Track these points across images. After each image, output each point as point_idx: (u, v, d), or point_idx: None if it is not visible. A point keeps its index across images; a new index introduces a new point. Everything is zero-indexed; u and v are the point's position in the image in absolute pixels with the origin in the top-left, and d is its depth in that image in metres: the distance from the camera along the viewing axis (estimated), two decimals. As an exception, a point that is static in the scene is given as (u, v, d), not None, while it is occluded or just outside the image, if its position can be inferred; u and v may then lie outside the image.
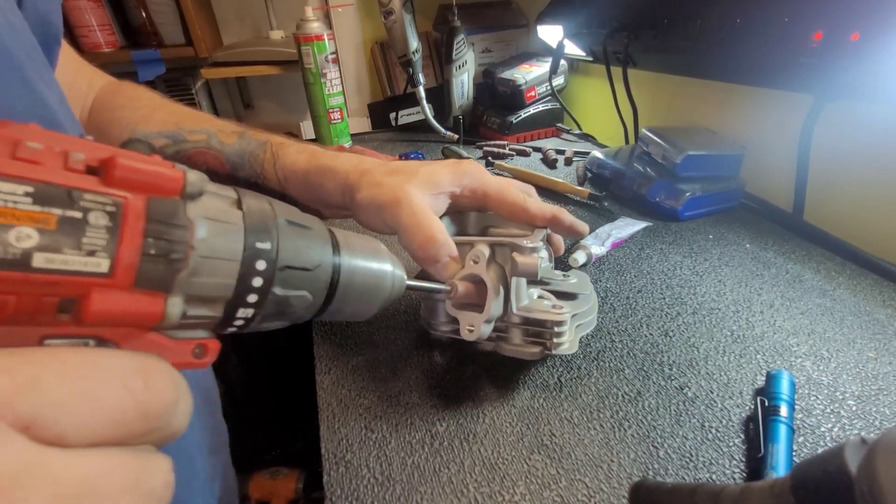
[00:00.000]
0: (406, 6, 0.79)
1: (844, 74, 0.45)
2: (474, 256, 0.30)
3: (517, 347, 0.33)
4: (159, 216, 0.14)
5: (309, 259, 0.18)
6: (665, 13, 0.63)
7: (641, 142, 0.67)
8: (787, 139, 0.59)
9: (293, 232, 0.18)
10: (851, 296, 0.44)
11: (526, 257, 0.30)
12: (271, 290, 0.17)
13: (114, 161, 0.13)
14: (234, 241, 0.16)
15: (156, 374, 0.14)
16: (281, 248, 0.17)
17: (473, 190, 0.34)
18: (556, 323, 0.31)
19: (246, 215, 0.16)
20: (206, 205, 0.15)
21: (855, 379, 0.35)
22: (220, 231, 0.15)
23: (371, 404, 0.33)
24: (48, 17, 0.28)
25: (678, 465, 0.29)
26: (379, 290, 0.22)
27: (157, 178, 0.14)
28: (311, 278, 0.18)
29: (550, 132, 0.98)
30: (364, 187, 0.33)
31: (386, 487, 0.28)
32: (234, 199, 0.17)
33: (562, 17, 0.86)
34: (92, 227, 0.12)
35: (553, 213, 0.34)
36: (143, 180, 0.14)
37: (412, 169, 0.34)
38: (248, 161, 0.39)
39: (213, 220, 0.15)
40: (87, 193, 0.12)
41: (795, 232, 0.57)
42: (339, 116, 0.88)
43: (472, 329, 0.30)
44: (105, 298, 0.13)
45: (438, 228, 0.31)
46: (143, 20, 1.02)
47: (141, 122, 0.38)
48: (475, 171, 0.35)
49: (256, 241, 0.16)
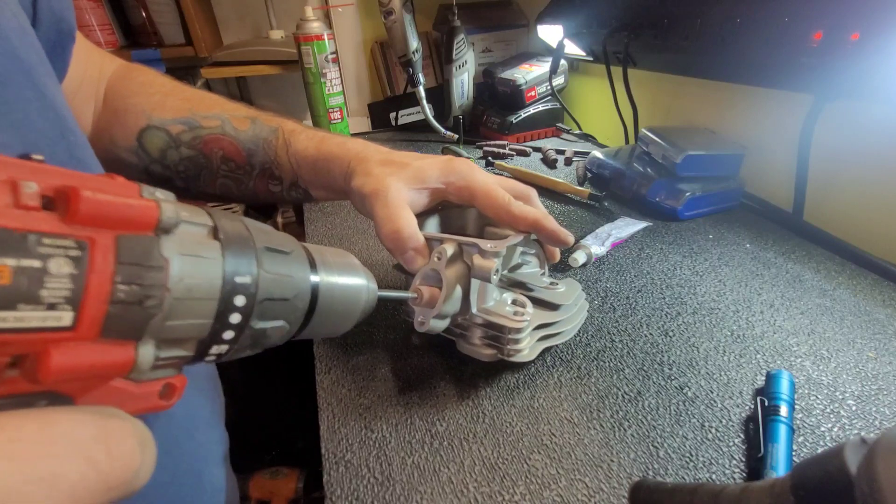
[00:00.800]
0: (406, 6, 0.79)
1: (844, 74, 0.45)
2: (437, 253, 0.31)
3: (474, 347, 0.34)
4: (131, 257, 0.12)
5: (289, 288, 0.17)
6: (665, 13, 0.63)
7: (641, 142, 0.67)
8: (787, 139, 0.59)
9: (273, 260, 0.16)
10: (851, 295, 0.44)
11: (482, 260, 0.31)
12: (248, 325, 0.15)
13: (76, 194, 0.11)
14: (213, 277, 0.14)
15: (119, 437, 0.12)
16: (261, 281, 0.15)
17: (459, 188, 0.35)
18: (512, 330, 0.32)
19: (224, 246, 0.15)
20: (181, 238, 0.14)
21: (855, 379, 0.35)
22: (197, 268, 0.14)
23: (371, 404, 0.33)
24: (62, 15, 0.28)
25: (678, 464, 0.29)
26: (355, 306, 0.21)
27: (127, 211, 0.12)
28: (289, 307, 0.17)
29: (550, 132, 0.98)
30: (357, 175, 0.35)
31: (386, 487, 0.28)
32: (210, 227, 0.15)
33: (562, 17, 0.86)
34: (53, 276, 0.10)
35: (535, 219, 0.34)
36: (111, 215, 0.12)
37: (404, 161, 0.35)
38: (262, 147, 0.40)
39: (189, 255, 0.13)
40: (46, 237, 0.10)
41: (795, 232, 0.57)
42: (339, 116, 0.88)
43: (423, 322, 0.30)
44: (66, 353, 0.11)
45: (406, 223, 0.32)
46: (142, 20, 1.02)
47: (156, 109, 0.38)
48: (464, 169, 0.35)
49: (236, 276, 0.15)
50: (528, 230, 0.34)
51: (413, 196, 0.34)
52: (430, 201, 0.36)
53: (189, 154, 0.39)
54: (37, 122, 0.22)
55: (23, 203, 0.10)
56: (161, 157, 0.38)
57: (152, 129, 0.38)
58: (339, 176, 0.37)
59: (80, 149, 0.25)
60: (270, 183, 0.41)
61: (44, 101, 0.22)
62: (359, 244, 0.56)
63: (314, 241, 0.57)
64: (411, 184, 0.34)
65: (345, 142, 0.38)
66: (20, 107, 0.21)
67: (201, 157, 0.39)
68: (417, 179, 0.34)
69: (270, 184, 0.41)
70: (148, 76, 0.41)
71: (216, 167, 0.40)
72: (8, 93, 0.21)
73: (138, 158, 0.38)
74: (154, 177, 0.39)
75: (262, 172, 0.40)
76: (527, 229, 0.34)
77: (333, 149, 0.38)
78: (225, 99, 0.42)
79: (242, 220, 0.17)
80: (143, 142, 0.38)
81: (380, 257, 0.53)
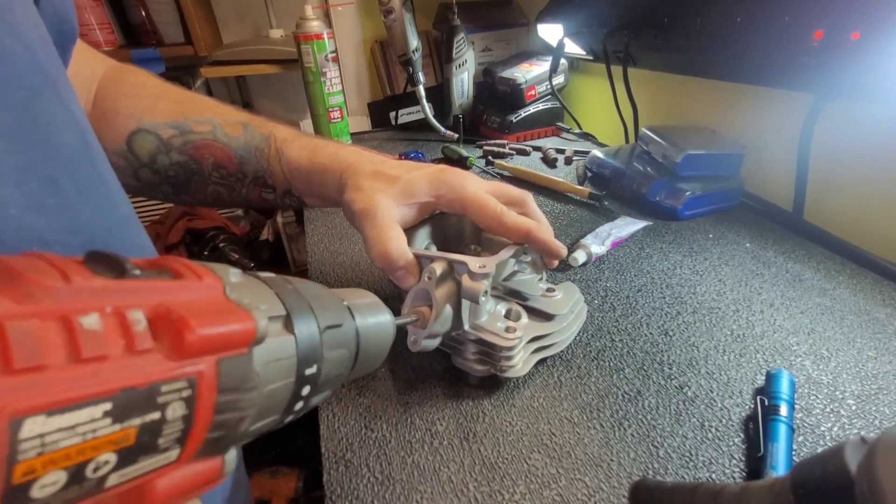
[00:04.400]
0: (406, 5, 0.79)
1: (845, 74, 0.45)
2: (428, 273, 0.31)
3: (467, 363, 0.34)
4: (231, 383, 0.12)
5: (344, 363, 0.17)
6: (665, 12, 0.63)
7: (641, 141, 0.67)
8: (787, 138, 0.59)
9: (332, 339, 0.16)
10: (851, 295, 0.44)
11: (470, 282, 0.30)
12: (307, 405, 0.16)
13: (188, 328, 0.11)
14: (288, 375, 0.14)
15: None
16: (324, 367, 0.16)
17: (451, 201, 0.34)
18: (504, 348, 0.32)
19: (298, 339, 0.15)
20: (268, 345, 0.13)
21: (855, 378, 0.35)
22: (278, 373, 0.14)
23: (371, 403, 0.33)
24: (65, 15, 0.27)
25: (678, 464, 0.29)
26: (386, 343, 0.22)
27: (231, 337, 0.12)
28: (340, 377, 0.18)
29: (550, 131, 0.98)
30: (348, 189, 0.34)
31: (386, 486, 0.28)
32: (283, 317, 0.15)
33: (562, 16, 0.86)
34: (169, 423, 0.10)
35: (527, 230, 0.33)
36: (217, 343, 0.12)
37: (394, 175, 0.34)
38: (254, 156, 0.39)
39: (273, 362, 0.13)
40: (163, 384, 0.10)
41: (795, 231, 0.57)
42: (338, 115, 0.88)
43: (415, 341, 0.30)
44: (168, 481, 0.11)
45: (395, 244, 0.32)
46: (142, 19, 1.02)
47: (147, 112, 0.38)
48: (455, 181, 0.34)
49: (306, 369, 0.15)
50: (520, 241, 0.34)
51: (403, 212, 0.34)
52: (420, 215, 0.35)
53: (180, 159, 0.38)
54: (64, 136, 0.22)
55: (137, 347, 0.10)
56: (151, 162, 0.38)
57: (142, 132, 0.37)
58: (333, 187, 0.36)
59: (101, 163, 0.25)
60: (264, 191, 0.40)
61: (68, 114, 0.22)
62: (358, 244, 0.56)
63: (314, 241, 0.57)
64: (400, 200, 0.33)
65: (337, 151, 0.38)
66: (49, 121, 0.21)
67: (192, 162, 0.38)
68: (407, 194, 0.34)
69: (264, 191, 0.41)
70: (139, 77, 0.40)
71: (207, 174, 0.39)
72: (38, 107, 0.20)
73: (127, 162, 0.37)
74: (143, 181, 0.39)
75: (255, 181, 0.40)
76: (518, 241, 0.34)
77: (325, 160, 0.37)
78: (217, 102, 0.41)
79: (302, 294, 0.16)
80: (132, 146, 0.37)
81: (380, 257, 0.53)
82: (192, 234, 1.27)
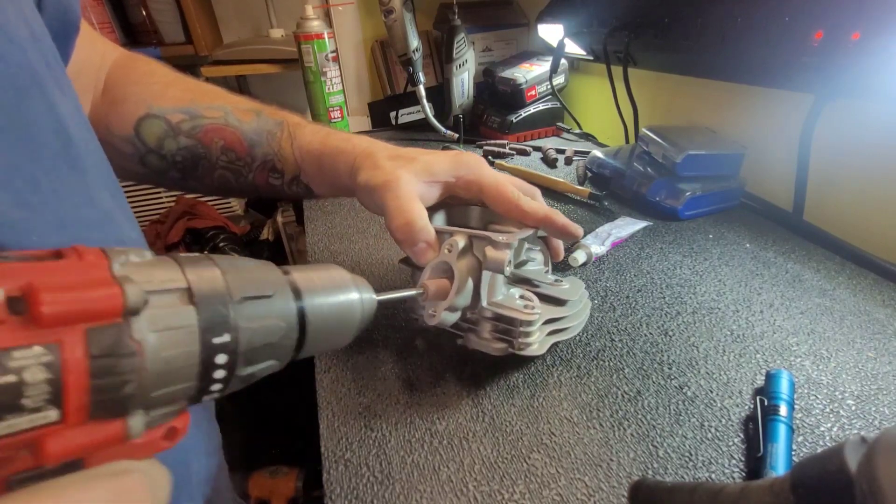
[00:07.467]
0: (406, 5, 0.79)
1: (845, 74, 0.45)
2: (448, 245, 0.31)
3: (484, 341, 0.33)
4: (102, 350, 0.12)
5: (273, 333, 0.17)
6: (666, 12, 0.63)
7: (642, 141, 0.67)
8: (787, 138, 0.59)
9: (253, 309, 0.16)
10: (851, 295, 0.44)
11: (495, 251, 0.30)
12: (235, 375, 0.16)
13: (37, 298, 0.11)
14: (190, 345, 0.14)
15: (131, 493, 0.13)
16: (241, 335, 0.16)
17: (469, 182, 0.35)
18: (524, 322, 0.32)
19: (199, 310, 0.15)
20: (152, 314, 0.14)
21: (854, 378, 0.35)
22: (173, 340, 0.14)
23: (370, 403, 0.33)
24: (69, 5, 0.27)
25: (678, 464, 0.29)
26: (349, 322, 0.21)
27: (91, 305, 0.12)
28: (276, 348, 0.17)
29: (551, 131, 0.98)
30: (364, 169, 0.34)
31: (385, 486, 0.28)
32: (183, 290, 0.15)
33: (562, 16, 0.86)
34: (30, 385, 0.11)
35: (545, 214, 0.34)
36: (76, 312, 0.12)
37: (412, 155, 0.35)
38: (265, 139, 0.39)
39: (163, 330, 0.14)
40: (15, 351, 0.11)
41: (795, 231, 0.57)
42: (339, 115, 0.88)
43: (434, 314, 0.30)
44: (60, 440, 0.12)
45: (419, 215, 0.31)
46: (142, 18, 1.02)
47: (157, 99, 0.38)
48: (474, 163, 0.35)
49: (213, 337, 0.15)
50: (538, 225, 0.34)
51: (423, 189, 0.34)
52: (440, 195, 0.35)
53: (187, 144, 0.38)
54: (45, 136, 0.22)
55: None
56: (158, 147, 0.38)
57: (151, 117, 0.37)
58: (344, 172, 0.36)
59: (82, 159, 0.24)
60: (271, 176, 0.40)
61: (51, 113, 0.22)
62: (359, 243, 0.56)
63: (314, 241, 0.57)
64: (421, 176, 0.33)
65: (350, 138, 0.38)
66: (32, 121, 0.21)
67: (200, 146, 0.38)
68: (428, 173, 0.34)
69: (271, 177, 0.40)
70: (150, 66, 0.40)
71: (215, 158, 0.39)
72: (24, 107, 0.20)
73: (134, 148, 0.37)
74: (150, 168, 0.38)
75: (263, 164, 0.40)
76: (536, 224, 0.34)
77: (339, 143, 0.37)
78: (228, 92, 0.41)
79: (219, 267, 0.16)
80: (140, 131, 0.37)
81: (380, 256, 0.53)
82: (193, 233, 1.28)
